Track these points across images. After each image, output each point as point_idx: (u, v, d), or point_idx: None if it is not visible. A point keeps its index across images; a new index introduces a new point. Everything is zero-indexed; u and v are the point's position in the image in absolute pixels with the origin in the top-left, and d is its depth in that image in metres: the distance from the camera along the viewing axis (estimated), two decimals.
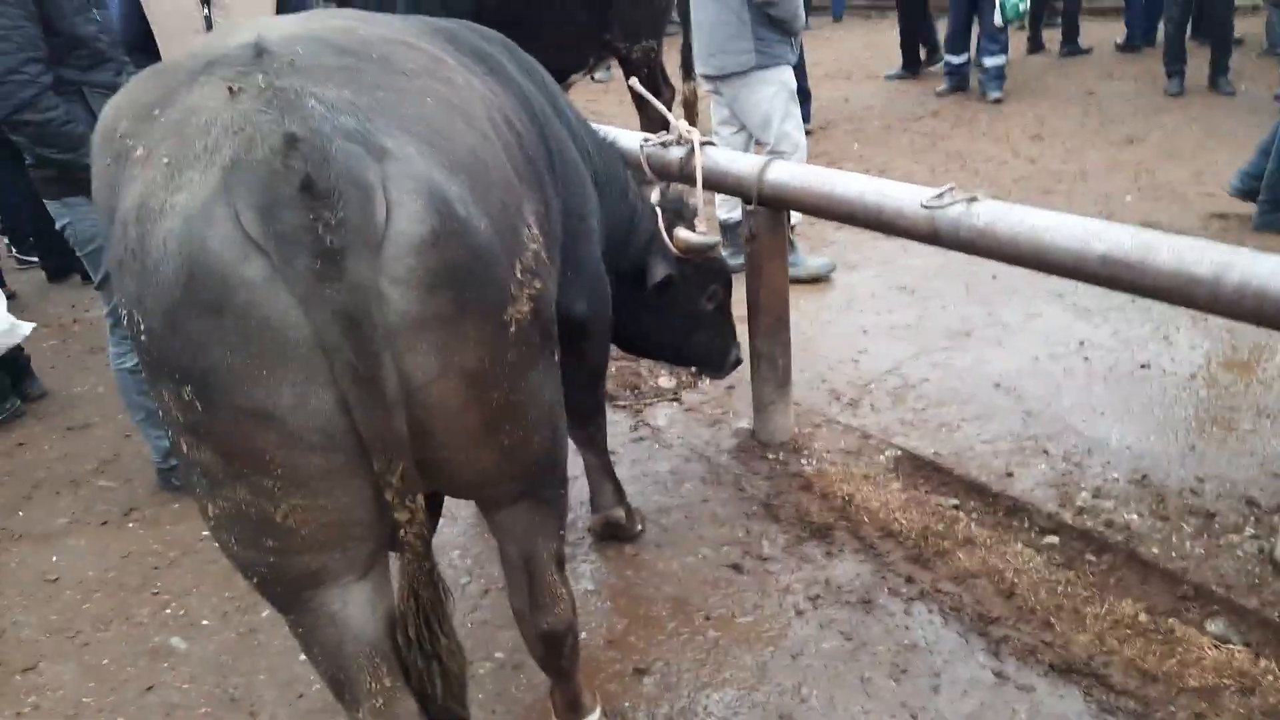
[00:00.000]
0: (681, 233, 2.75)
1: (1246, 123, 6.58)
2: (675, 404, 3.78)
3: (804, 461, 3.28)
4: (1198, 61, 7.61)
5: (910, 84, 8.94)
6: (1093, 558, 2.71)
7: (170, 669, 2.64)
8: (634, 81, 3.62)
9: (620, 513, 2.94)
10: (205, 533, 3.20)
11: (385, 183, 1.29)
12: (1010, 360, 3.81)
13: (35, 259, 5.99)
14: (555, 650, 2.03)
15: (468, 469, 1.59)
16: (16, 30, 2.72)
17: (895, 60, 9.23)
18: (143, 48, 3.49)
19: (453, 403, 1.44)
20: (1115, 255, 2.04)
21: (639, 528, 3.00)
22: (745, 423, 3.55)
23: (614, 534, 2.97)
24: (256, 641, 2.72)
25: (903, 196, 2.52)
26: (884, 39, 10.94)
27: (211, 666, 2.64)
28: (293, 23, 1.60)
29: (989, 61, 7.83)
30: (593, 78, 8.64)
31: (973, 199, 2.36)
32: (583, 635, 2.59)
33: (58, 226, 3.09)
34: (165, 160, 1.30)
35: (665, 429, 3.61)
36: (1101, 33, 9.91)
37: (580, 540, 3.00)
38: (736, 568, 2.82)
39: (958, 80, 8.25)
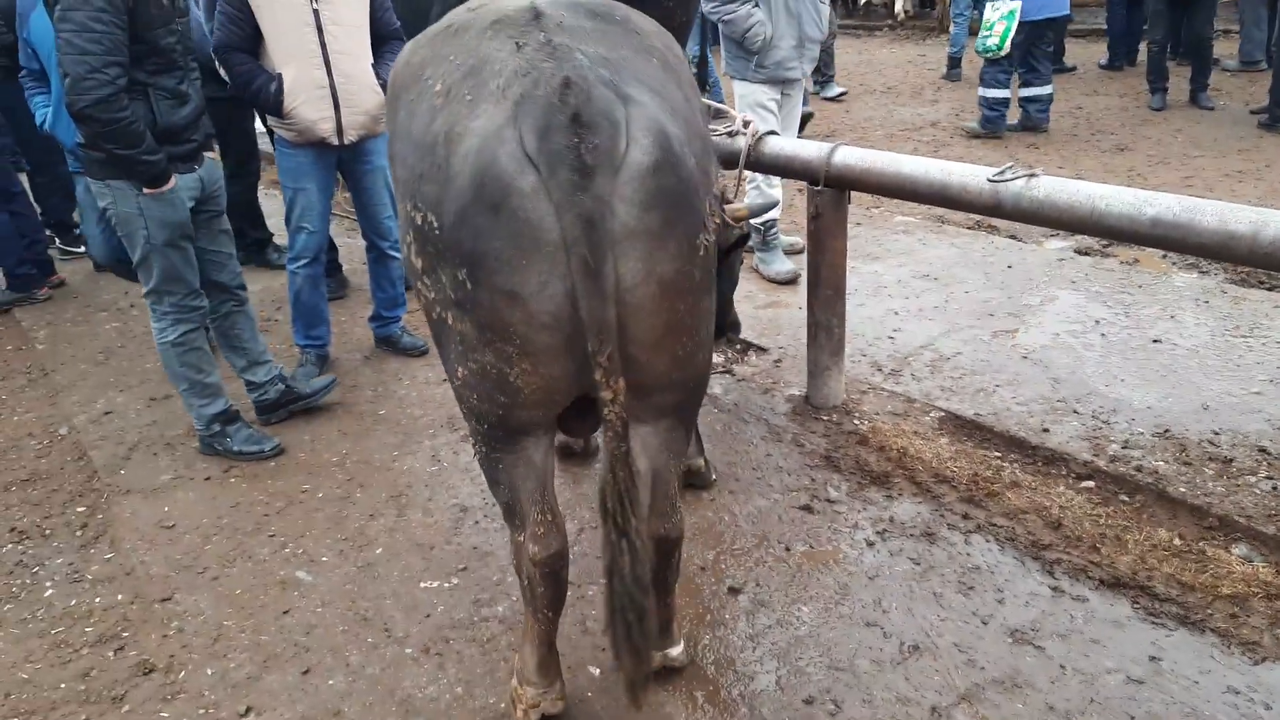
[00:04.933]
0: (737, 204, 3.08)
1: (1228, 133, 7.08)
2: (728, 375, 4.09)
3: (857, 421, 3.60)
4: (1177, 80, 8.13)
5: (906, 97, 9.39)
6: (1126, 498, 3.05)
7: (301, 596, 2.89)
8: None
9: (700, 461, 3.24)
10: (306, 486, 3.47)
11: (629, 121, 1.64)
12: (1034, 337, 4.17)
13: (80, 249, 6.19)
14: (666, 557, 2.26)
15: (649, 369, 1.87)
16: (108, 35, 2.98)
17: (876, 78, 9.69)
18: (247, 49, 3.78)
19: (649, 304, 1.76)
20: (1165, 218, 2.38)
21: (714, 476, 3.30)
22: (796, 390, 3.87)
23: (692, 482, 3.26)
24: (376, 574, 2.97)
25: (966, 173, 2.86)
26: (867, 56, 11.42)
27: (339, 594, 2.89)
28: None
29: (1025, 92, 7.53)
30: None
31: (1033, 174, 2.70)
32: None
33: (100, 205, 3.32)
34: (468, 97, 1.67)
35: (722, 397, 3.92)
36: (1085, 53, 10.47)
37: None
38: (807, 509, 3.13)
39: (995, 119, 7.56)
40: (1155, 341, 4.02)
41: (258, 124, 5.27)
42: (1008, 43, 7.03)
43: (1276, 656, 2.35)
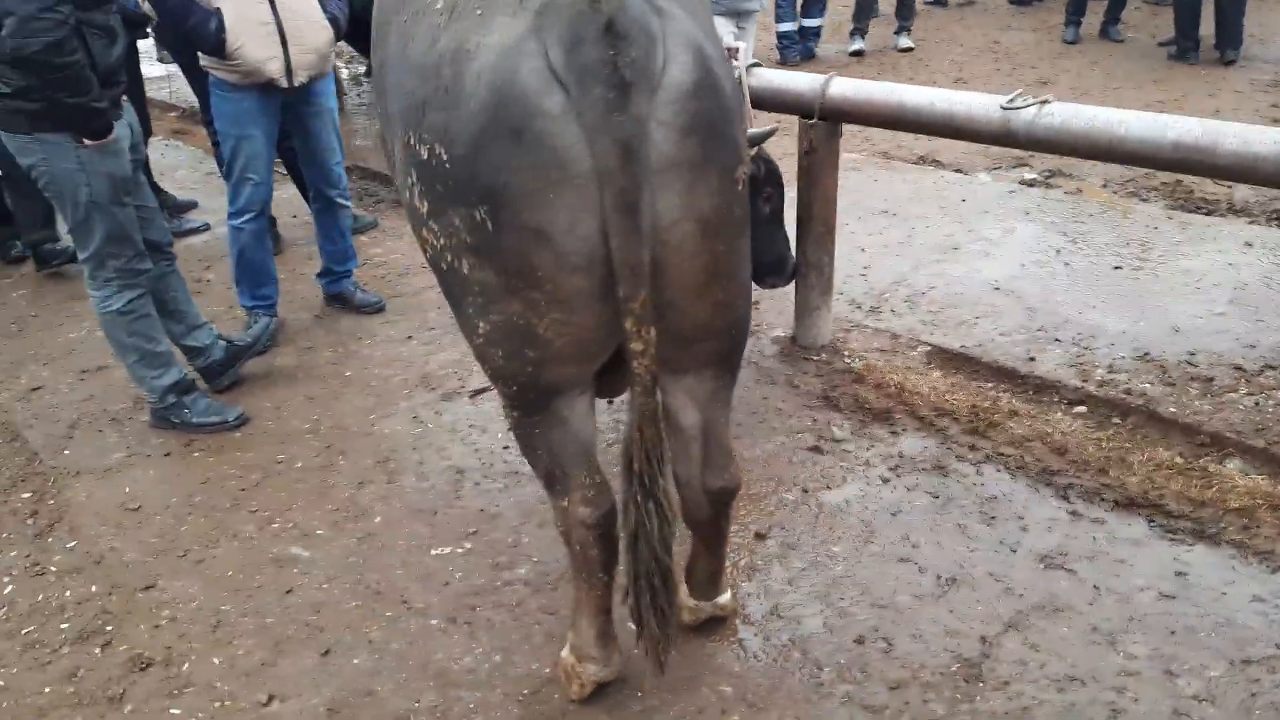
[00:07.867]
0: None
1: (1140, 65, 7.33)
2: None
3: (848, 359, 3.58)
4: (1089, 13, 8.34)
5: (829, 34, 9.33)
6: (1119, 420, 3.13)
7: (302, 574, 2.69)
8: None
9: None
10: (281, 456, 3.24)
11: (665, 35, 1.46)
12: (1000, 268, 4.23)
13: None
14: (723, 509, 2.16)
15: (689, 316, 1.75)
16: None
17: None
18: None
19: (689, 244, 1.61)
20: (1186, 141, 2.39)
21: None
22: (781, 331, 3.82)
23: None
24: (379, 544, 2.80)
25: (973, 102, 2.82)
26: None
27: (343, 568, 2.70)
28: None
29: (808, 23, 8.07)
30: None
31: (1045, 100, 2.67)
32: None
33: (23, 164, 2.93)
34: (478, 11, 1.46)
35: None
36: None
37: None
38: (816, 449, 3.10)
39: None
40: (1116, 268, 4.14)
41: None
42: None
43: None
